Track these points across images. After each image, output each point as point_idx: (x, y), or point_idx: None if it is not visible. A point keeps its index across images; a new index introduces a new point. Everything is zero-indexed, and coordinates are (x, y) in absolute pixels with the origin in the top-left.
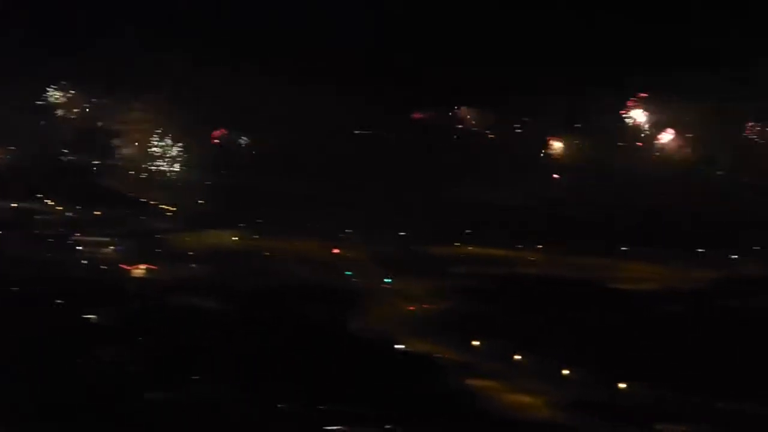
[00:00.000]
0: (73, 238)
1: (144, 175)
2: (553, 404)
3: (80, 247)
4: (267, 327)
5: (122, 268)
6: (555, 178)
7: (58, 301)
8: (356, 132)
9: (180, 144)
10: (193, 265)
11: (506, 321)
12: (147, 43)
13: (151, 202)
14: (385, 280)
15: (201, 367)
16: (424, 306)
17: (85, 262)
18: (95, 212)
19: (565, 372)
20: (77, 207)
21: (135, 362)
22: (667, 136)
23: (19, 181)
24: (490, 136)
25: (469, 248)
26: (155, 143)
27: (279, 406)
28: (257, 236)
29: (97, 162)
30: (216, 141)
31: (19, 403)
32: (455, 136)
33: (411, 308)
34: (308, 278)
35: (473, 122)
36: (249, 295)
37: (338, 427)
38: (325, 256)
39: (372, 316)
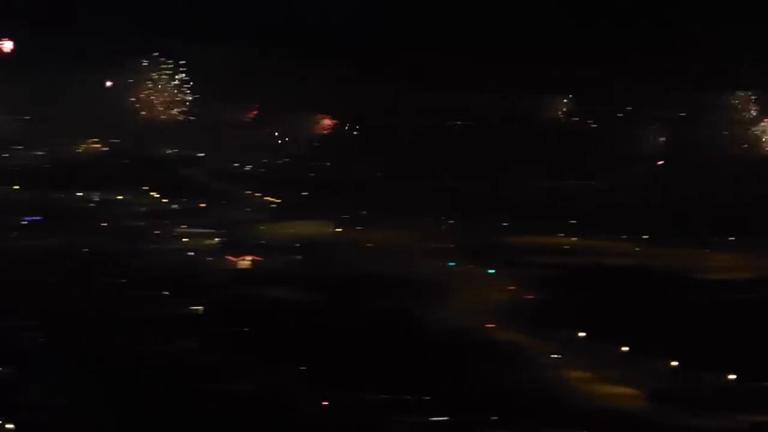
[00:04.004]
0: (178, 230)
1: (248, 168)
2: (646, 396)
3: (186, 239)
4: (358, 318)
5: (228, 259)
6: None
7: (165, 293)
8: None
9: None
10: (297, 257)
11: (598, 312)
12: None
13: (256, 195)
14: (489, 271)
15: (294, 360)
16: (518, 296)
17: (192, 253)
18: (200, 204)
19: (658, 363)
20: (183, 199)
21: (220, 352)
22: None
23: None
24: (592, 125)
25: (573, 239)
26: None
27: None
28: (361, 227)
29: (201, 155)
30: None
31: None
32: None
33: (504, 298)
34: (407, 269)
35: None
36: (345, 286)
37: (445, 418)
38: (424, 248)
39: (466, 305)
